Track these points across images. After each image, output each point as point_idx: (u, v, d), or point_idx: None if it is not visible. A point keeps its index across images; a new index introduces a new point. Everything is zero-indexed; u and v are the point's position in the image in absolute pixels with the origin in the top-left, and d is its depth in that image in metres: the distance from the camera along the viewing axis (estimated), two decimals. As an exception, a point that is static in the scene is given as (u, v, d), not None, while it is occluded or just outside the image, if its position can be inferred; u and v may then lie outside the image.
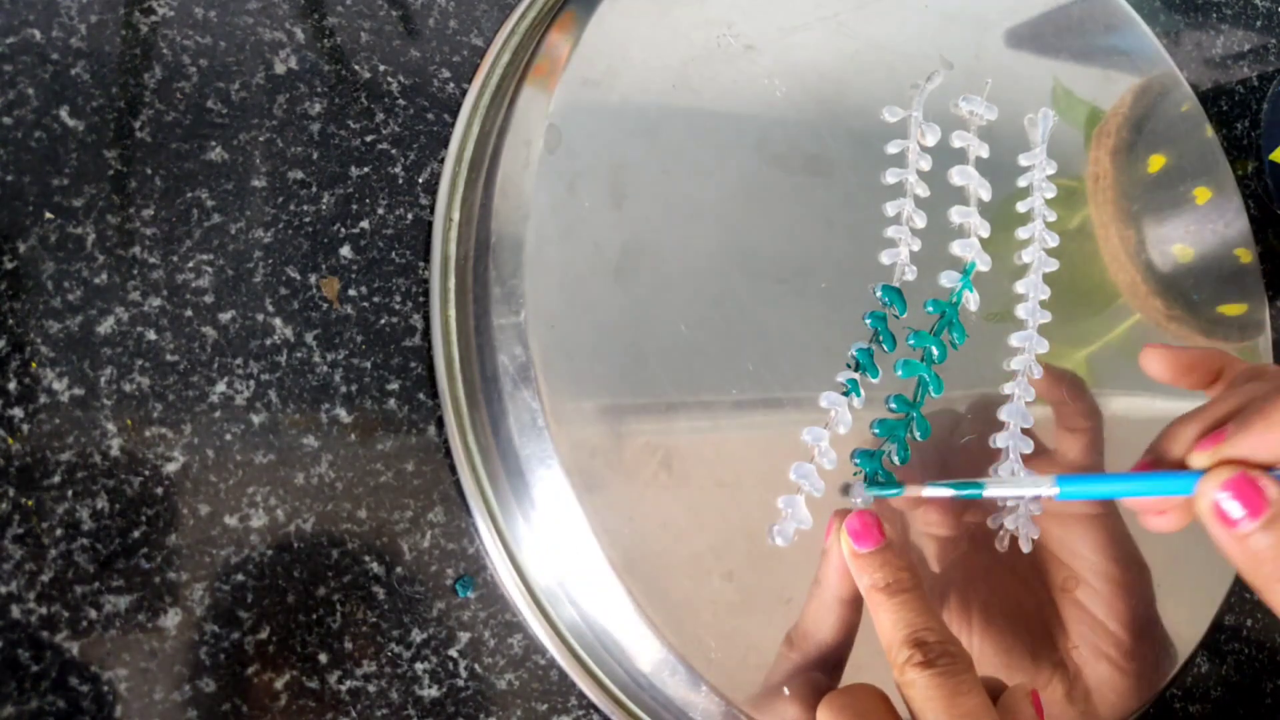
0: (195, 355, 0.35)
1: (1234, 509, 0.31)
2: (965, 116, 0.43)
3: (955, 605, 0.38)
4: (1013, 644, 0.39)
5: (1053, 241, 0.43)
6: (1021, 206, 0.43)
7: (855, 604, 0.34)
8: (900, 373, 0.39)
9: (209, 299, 0.35)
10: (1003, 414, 0.41)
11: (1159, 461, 0.33)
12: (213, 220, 0.36)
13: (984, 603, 0.39)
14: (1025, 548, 0.40)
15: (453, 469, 0.37)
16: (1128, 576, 0.40)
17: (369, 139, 0.38)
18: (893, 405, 0.39)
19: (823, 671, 0.35)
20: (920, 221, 0.41)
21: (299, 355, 0.36)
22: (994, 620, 0.39)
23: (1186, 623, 0.43)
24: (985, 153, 0.43)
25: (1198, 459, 0.32)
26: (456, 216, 0.39)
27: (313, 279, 0.37)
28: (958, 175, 0.42)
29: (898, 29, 0.43)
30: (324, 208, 0.37)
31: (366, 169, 0.38)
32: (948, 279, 0.41)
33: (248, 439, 0.35)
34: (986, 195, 0.42)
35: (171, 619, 0.33)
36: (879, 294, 0.40)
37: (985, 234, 0.42)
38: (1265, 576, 0.31)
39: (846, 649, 0.35)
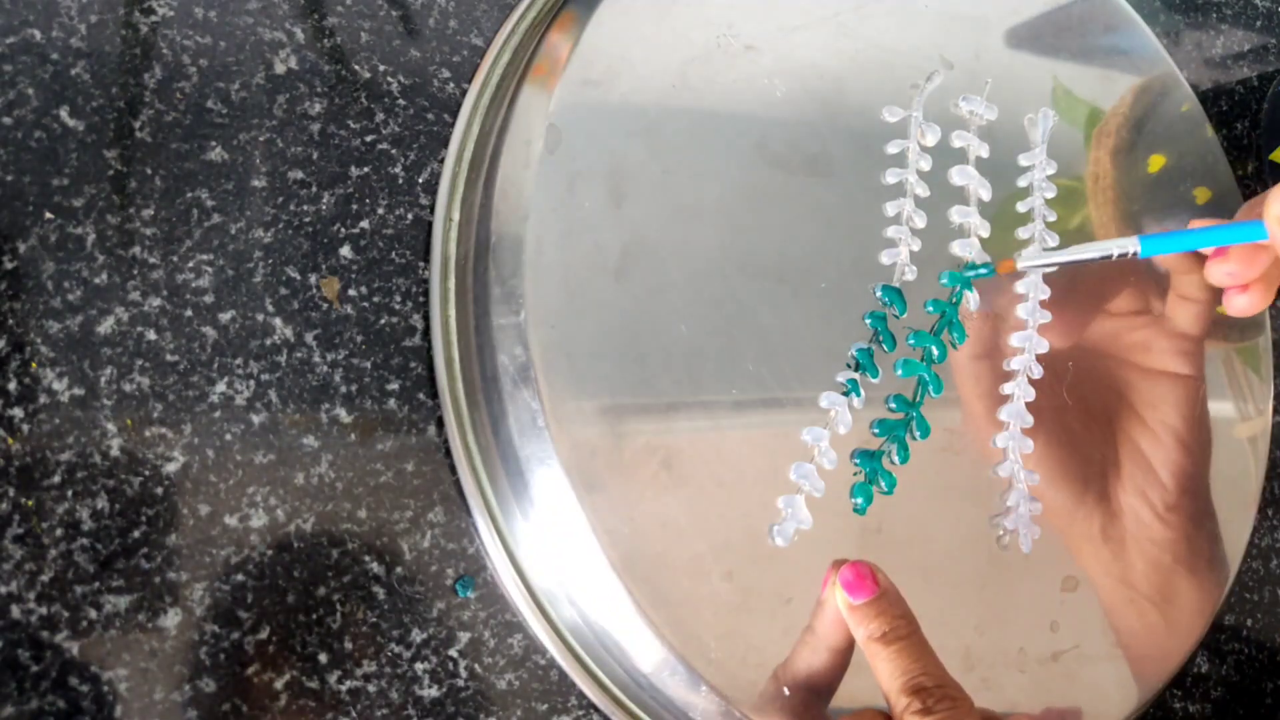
0: (195, 355, 0.35)
1: None
2: (965, 116, 0.43)
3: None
4: (1067, 467, 0.41)
5: (1053, 241, 0.43)
6: (1021, 206, 0.43)
7: (846, 651, 0.35)
8: (900, 372, 0.39)
9: (209, 299, 0.35)
10: (1003, 414, 0.41)
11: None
12: (213, 220, 0.36)
13: (1051, 421, 0.41)
14: (1025, 548, 0.40)
15: (453, 469, 0.37)
16: (1191, 439, 0.43)
17: (369, 139, 0.38)
18: (892, 405, 0.39)
19: (808, 708, 0.35)
20: (920, 221, 0.41)
21: (299, 355, 0.36)
22: (1055, 439, 0.41)
23: (1187, 623, 0.43)
24: (985, 152, 0.43)
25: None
26: (456, 216, 0.39)
27: (313, 279, 0.37)
28: (958, 175, 0.42)
29: (898, 29, 0.43)
30: (324, 208, 0.37)
31: (366, 169, 0.38)
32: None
33: (248, 439, 0.35)
34: (987, 195, 0.42)
35: (171, 619, 0.33)
36: (879, 294, 0.40)
37: (985, 234, 0.42)
38: None
39: (834, 689, 0.36)
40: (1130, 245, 0.39)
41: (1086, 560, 0.41)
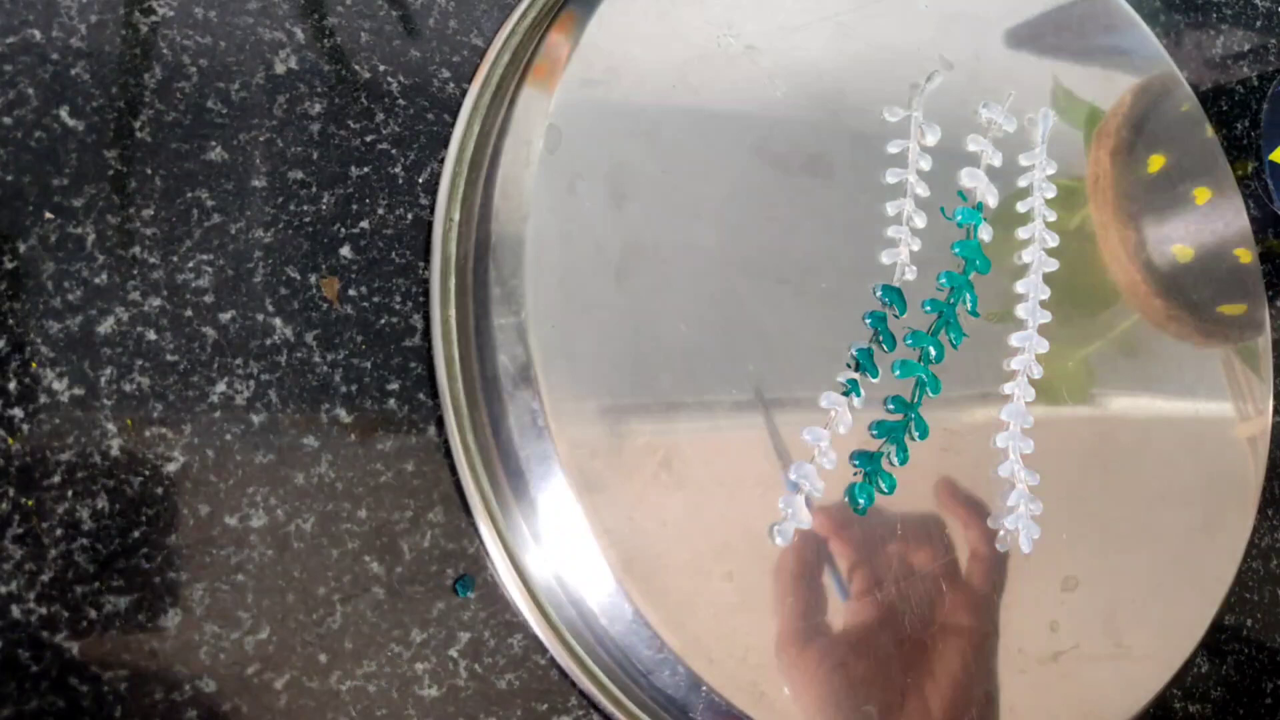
0: (195, 355, 0.35)
1: None
2: (983, 124, 0.43)
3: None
4: None
5: (1053, 241, 0.43)
6: (1021, 206, 0.43)
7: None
8: (897, 373, 0.39)
9: (209, 299, 0.35)
10: (1003, 414, 0.41)
11: None
12: (213, 220, 0.36)
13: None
14: (1025, 548, 0.40)
15: (453, 469, 0.37)
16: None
17: (369, 139, 0.38)
18: (890, 406, 0.39)
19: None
20: (920, 221, 0.41)
21: (299, 355, 0.36)
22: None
23: (1186, 623, 0.43)
24: (999, 161, 0.43)
25: None
26: (456, 216, 0.39)
27: (313, 279, 0.37)
28: (967, 177, 0.42)
29: (898, 29, 0.43)
30: (324, 208, 0.37)
31: (366, 169, 0.38)
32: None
33: (248, 439, 0.35)
34: (994, 201, 0.42)
35: (171, 619, 0.33)
36: (879, 294, 0.40)
37: (987, 236, 0.42)
38: None
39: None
40: None
41: None
